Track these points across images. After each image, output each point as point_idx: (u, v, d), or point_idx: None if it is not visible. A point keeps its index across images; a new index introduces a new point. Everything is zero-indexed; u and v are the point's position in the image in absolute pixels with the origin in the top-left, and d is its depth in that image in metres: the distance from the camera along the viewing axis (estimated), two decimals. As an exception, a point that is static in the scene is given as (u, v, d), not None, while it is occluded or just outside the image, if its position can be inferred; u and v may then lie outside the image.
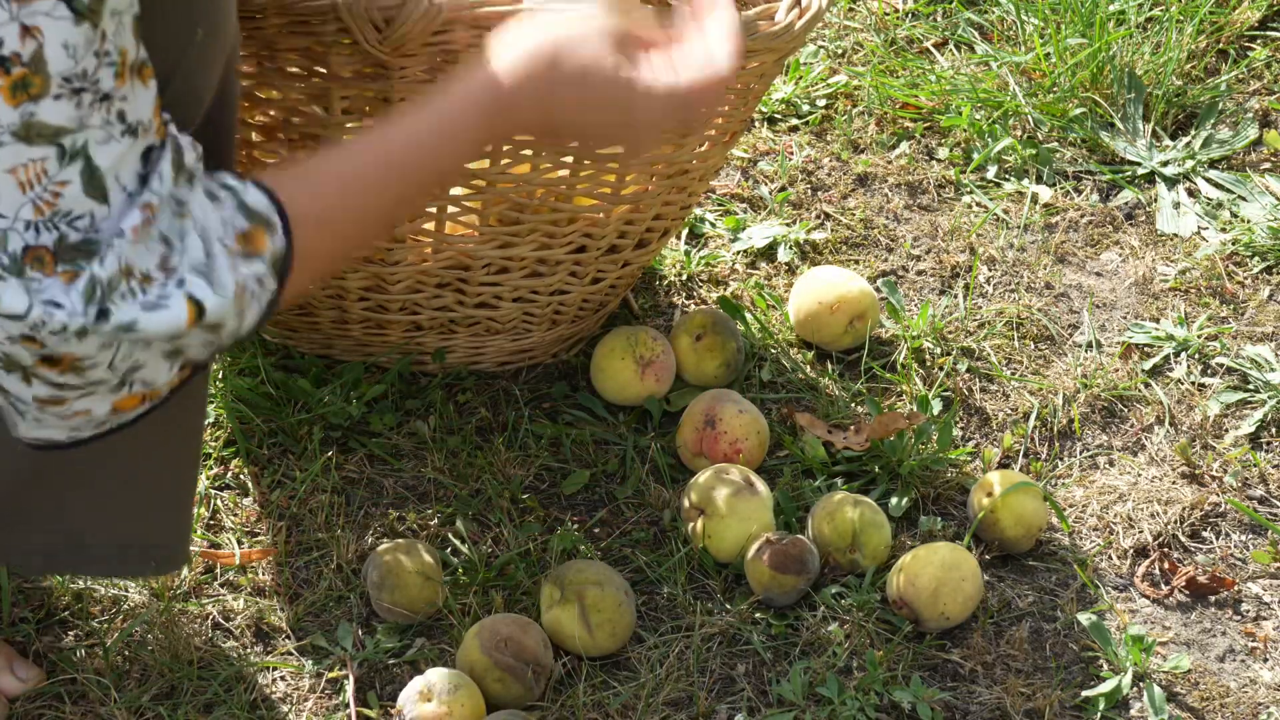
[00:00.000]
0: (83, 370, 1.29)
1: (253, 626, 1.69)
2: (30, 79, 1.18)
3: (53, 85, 1.19)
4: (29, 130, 1.20)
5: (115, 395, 1.32)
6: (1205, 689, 1.64)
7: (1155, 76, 2.21)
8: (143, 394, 1.33)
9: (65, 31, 1.18)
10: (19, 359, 1.27)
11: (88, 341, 1.26)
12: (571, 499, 1.80)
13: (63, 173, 1.22)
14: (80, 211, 1.23)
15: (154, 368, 1.32)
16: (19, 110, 1.19)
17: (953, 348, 1.94)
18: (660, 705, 1.61)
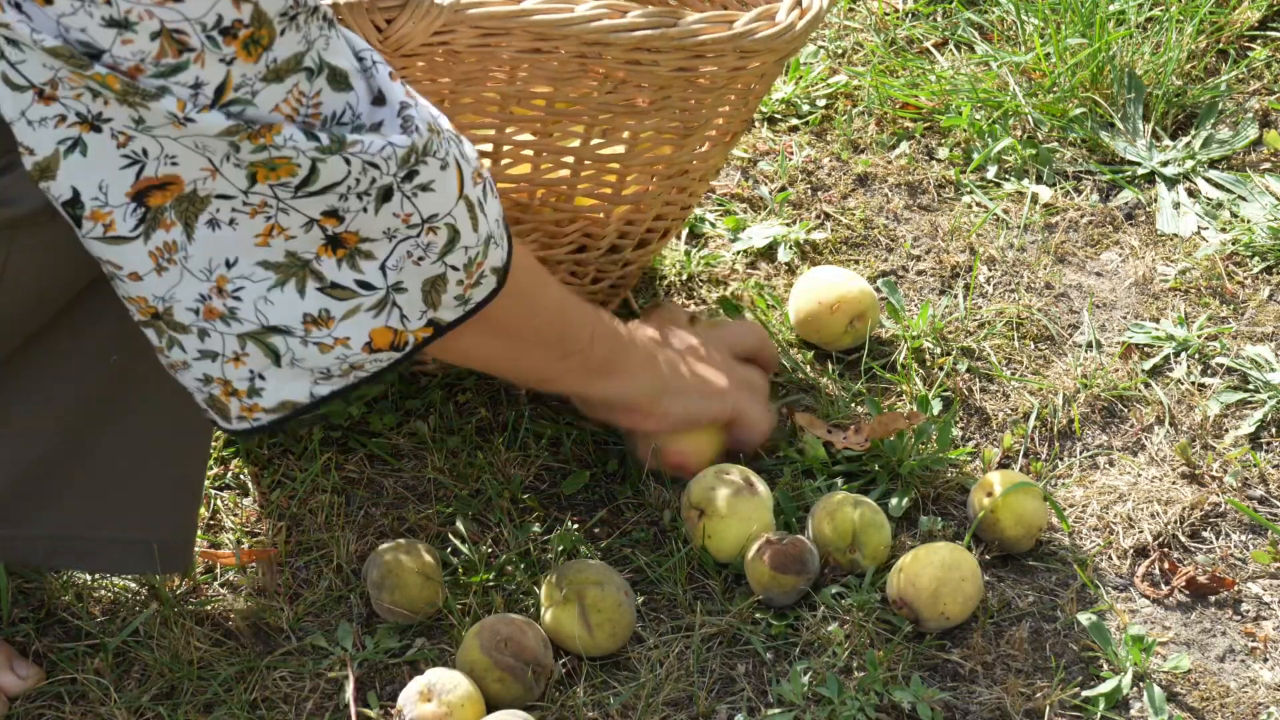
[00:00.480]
0: (361, 256, 1.37)
1: (253, 626, 1.69)
2: (258, 34, 1.26)
3: (277, 26, 1.27)
4: (276, 72, 1.28)
5: (374, 320, 1.41)
6: (1205, 689, 1.64)
7: (1155, 76, 2.21)
8: (394, 333, 1.42)
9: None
10: (303, 253, 1.36)
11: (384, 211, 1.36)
12: (571, 499, 1.80)
13: (314, 85, 1.31)
14: (339, 108, 1.33)
15: (413, 295, 1.41)
16: (261, 62, 1.27)
17: (953, 348, 1.94)
18: (660, 705, 1.61)
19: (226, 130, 1.28)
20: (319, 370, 1.43)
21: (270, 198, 1.33)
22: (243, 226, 1.35)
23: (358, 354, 1.43)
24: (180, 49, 1.24)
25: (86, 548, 1.60)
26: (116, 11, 1.22)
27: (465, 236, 1.41)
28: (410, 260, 1.40)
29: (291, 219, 1.35)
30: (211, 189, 1.33)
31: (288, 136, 1.30)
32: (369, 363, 1.44)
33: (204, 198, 1.33)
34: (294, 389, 1.44)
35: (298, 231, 1.36)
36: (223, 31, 1.24)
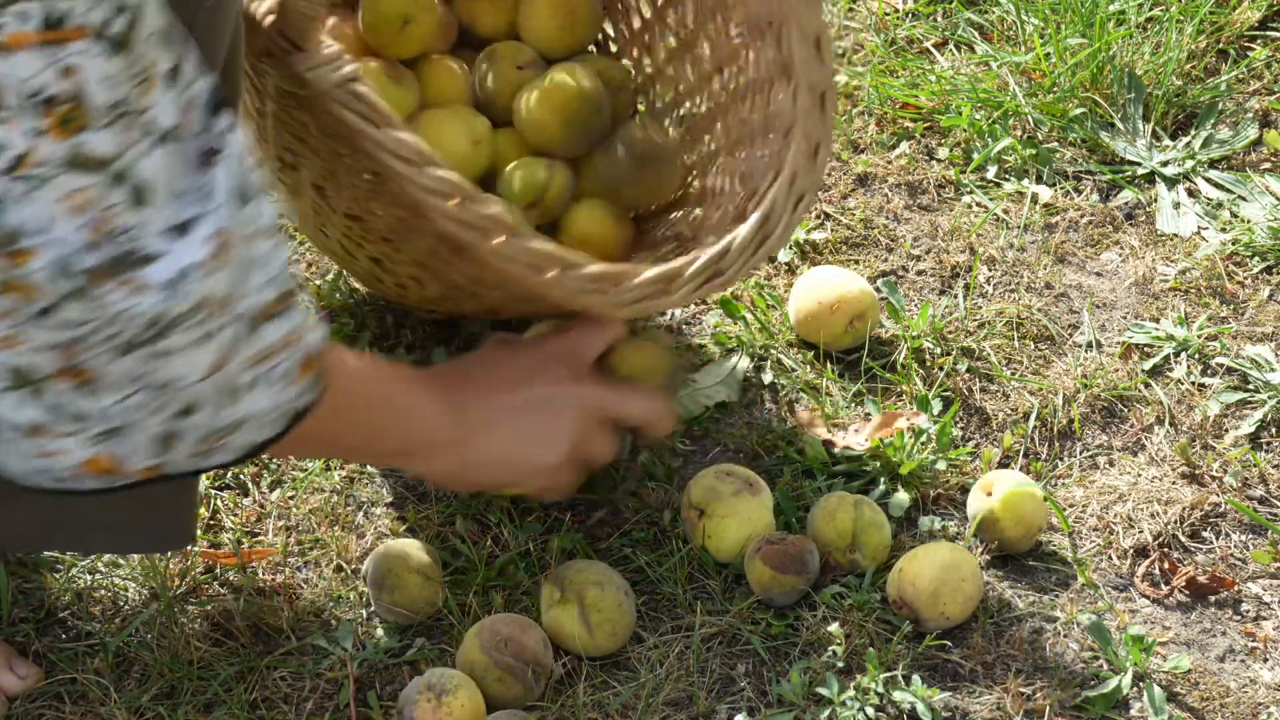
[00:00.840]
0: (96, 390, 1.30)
1: (253, 626, 1.69)
2: (73, 113, 1.21)
3: (96, 117, 1.22)
4: (79, 160, 1.22)
5: (94, 447, 1.33)
6: (1205, 689, 1.64)
7: (1155, 76, 2.21)
8: (113, 466, 1.34)
9: (102, 67, 1.21)
10: (36, 372, 1.28)
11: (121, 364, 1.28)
12: (571, 499, 1.80)
13: (112, 196, 1.24)
14: (127, 225, 1.26)
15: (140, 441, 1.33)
16: (68, 143, 1.21)
17: (953, 348, 1.94)
18: (660, 705, 1.61)
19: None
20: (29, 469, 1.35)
21: (15, 309, 1.26)
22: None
23: (69, 469, 1.34)
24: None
25: (83, 528, 1.60)
26: None
27: (204, 414, 1.33)
28: (145, 410, 1.32)
29: (33, 335, 1.27)
30: None
31: (41, 266, 1.23)
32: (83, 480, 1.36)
33: None
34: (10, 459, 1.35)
35: (38, 349, 1.28)
36: (44, 101, 1.20)
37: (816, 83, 1.65)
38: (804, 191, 1.65)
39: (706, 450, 1.85)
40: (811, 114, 1.65)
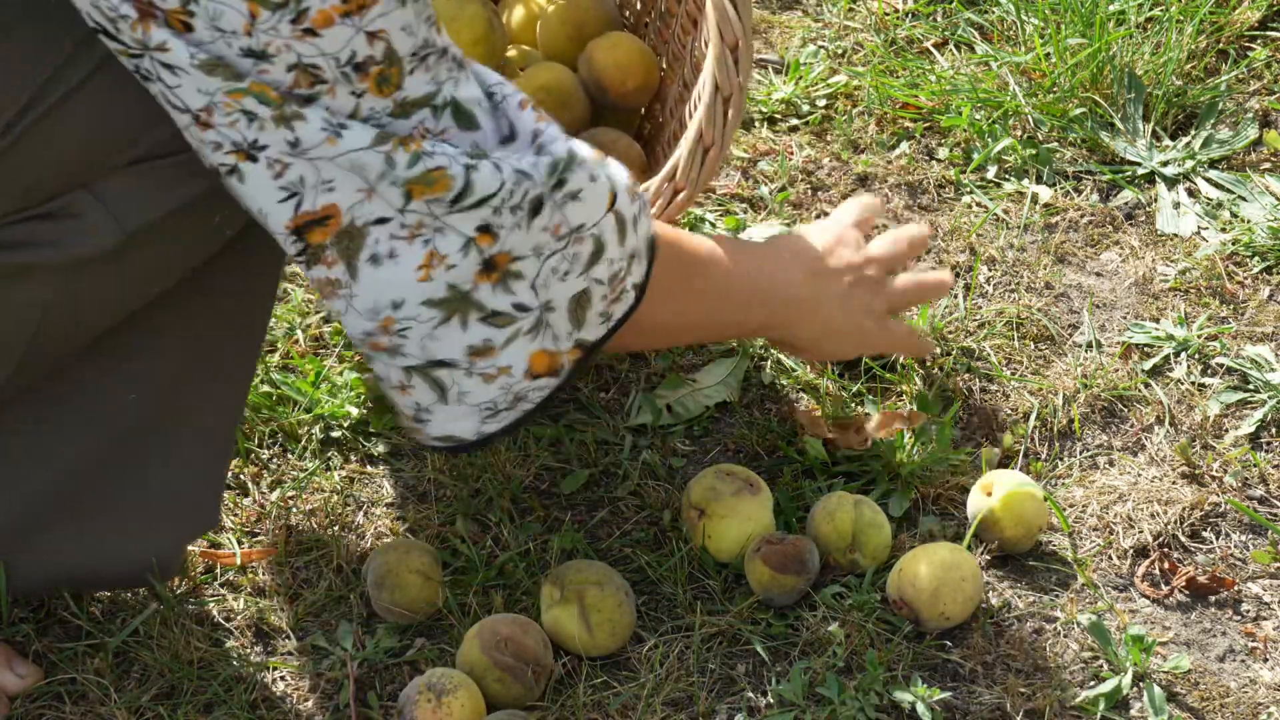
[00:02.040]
0: (513, 278, 1.38)
1: (253, 626, 1.69)
2: (388, 72, 1.28)
3: (406, 66, 1.29)
4: (404, 107, 1.30)
5: (531, 343, 1.42)
6: (1205, 689, 1.64)
7: (1155, 76, 2.21)
8: (550, 356, 1.43)
9: (400, 18, 1.27)
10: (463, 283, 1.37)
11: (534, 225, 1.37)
12: (571, 499, 1.80)
13: (440, 123, 1.32)
14: (465, 145, 1.34)
15: (561, 313, 1.42)
16: (390, 99, 1.29)
17: (953, 348, 1.94)
18: (660, 705, 1.61)
19: (377, 138, 1.29)
20: (485, 405, 1.44)
21: (426, 215, 1.34)
22: (403, 257, 1.35)
23: (520, 381, 1.44)
24: (314, 81, 1.26)
25: (85, 575, 1.62)
26: (255, 43, 1.24)
27: (610, 249, 1.42)
28: (556, 276, 1.41)
29: (448, 241, 1.35)
30: (369, 214, 1.33)
31: (434, 144, 1.31)
32: (532, 391, 1.45)
33: (361, 229, 1.33)
34: (461, 426, 1.46)
35: (456, 258, 1.36)
36: (355, 67, 1.26)
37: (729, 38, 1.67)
38: (710, 144, 1.66)
39: (706, 450, 1.85)
40: (723, 67, 1.66)
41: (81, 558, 1.60)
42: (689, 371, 1.92)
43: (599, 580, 1.65)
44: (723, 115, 1.65)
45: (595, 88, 1.95)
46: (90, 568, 1.62)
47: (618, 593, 1.65)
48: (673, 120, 1.93)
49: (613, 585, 1.66)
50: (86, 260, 1.38)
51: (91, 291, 1.42)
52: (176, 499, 1.60)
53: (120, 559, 1.61)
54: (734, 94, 1.65)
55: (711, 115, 1.65)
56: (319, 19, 1.23)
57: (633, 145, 1.92)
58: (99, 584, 1.65)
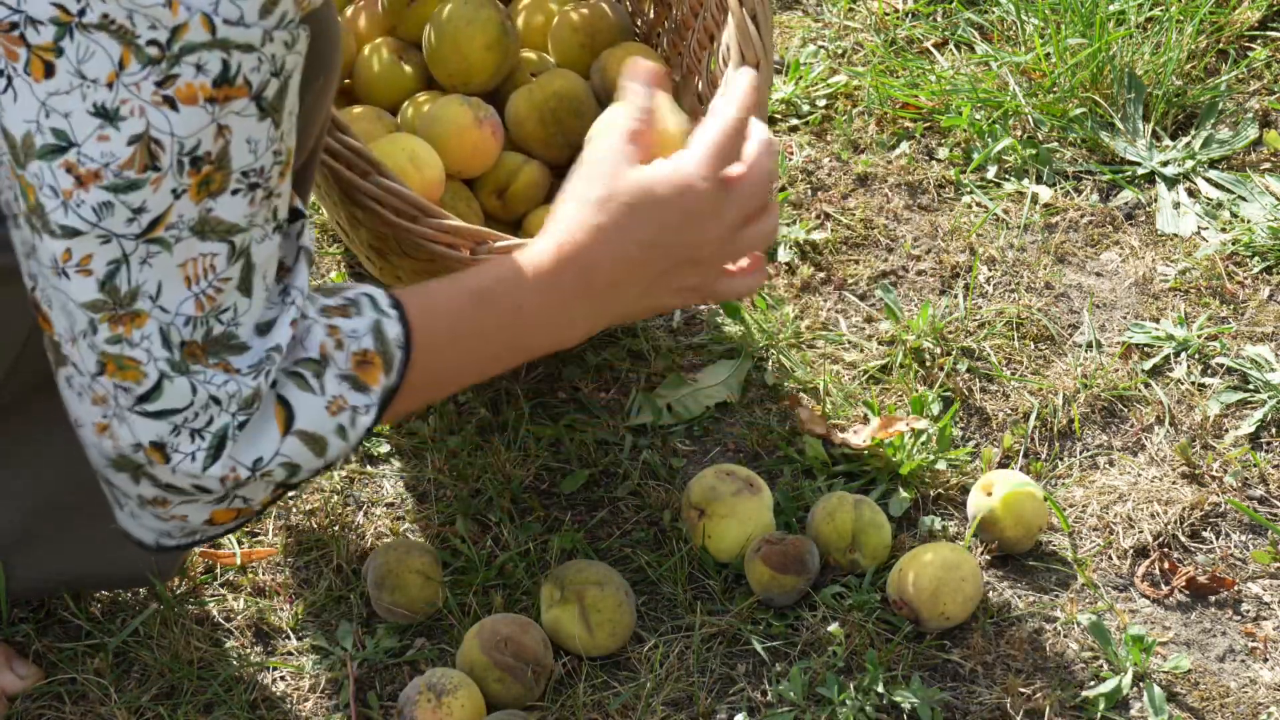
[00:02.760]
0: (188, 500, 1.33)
1: (253, 626, 1.69)
2: (213, 176, 1.21)
3: (232, 181, 1.22)
4: (205, 226, 1.23)
5: (215, 506, 1.35)
6: (1205, 689, 1.64)
7: (1155, 76, 2.21)
8: (239, 509, 1.36)
9: (250, 128, 1.21)
10: (135, 457, 1.30)
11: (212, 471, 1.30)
12: (571, 499, 1.80)
13: (228, 270, 1.26)
14: (228, 305, 1.27)
15: (259, 488, 1.35)
16: (200, 206, 1.22)
17: (953, 348, 1.94)
18: (660, 705, 1.61)
19: (90, 303, 1.24)
20: (161, 530, 1.38)
21: (111, 396, 1.28)
22: (85, 406, 1.30)
23: (198, 525, 1.37)
24: (147, 164, 1.20)
25: (86, 577, 1.63)
26: (113, 98, 1.18)
27: (306, 467, 1.35)
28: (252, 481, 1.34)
29: (124, 433, 1.29)
30: (68, 354, 1.28)
31: (146, 334, 1.25)
32: (212, 530, 1.39)
33: (63, 356, 1.29)
34: (140, 532, 1.39)
35: (127, 448, 1.30)
36: (193, 161, 1.21)
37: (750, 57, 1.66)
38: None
39: (706, 450, 1.85)
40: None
41: (82, 561, 1.60)
42: (689, 371, 1.92)
43: (599, 580, 1.65)
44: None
45: (607, 98, 1.95)
46: (90, 570, 1.62)
47: (618, 593, 1.65)
48: None
49: (613, 585, 1.66)
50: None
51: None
52: None
53: (120, 563, 1.61)
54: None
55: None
56: (185, 92, 1.19)
57: None
58: (99, 585, 1.65)
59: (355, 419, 1.35)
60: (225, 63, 1.19)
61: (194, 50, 1.18)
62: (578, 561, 1.69)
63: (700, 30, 1.91)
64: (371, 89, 1.97)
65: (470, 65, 1.92)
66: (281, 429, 1.32)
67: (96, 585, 1.65)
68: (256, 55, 1.20)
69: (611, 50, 1.97)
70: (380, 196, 1.66)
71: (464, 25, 1.91)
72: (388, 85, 1.96)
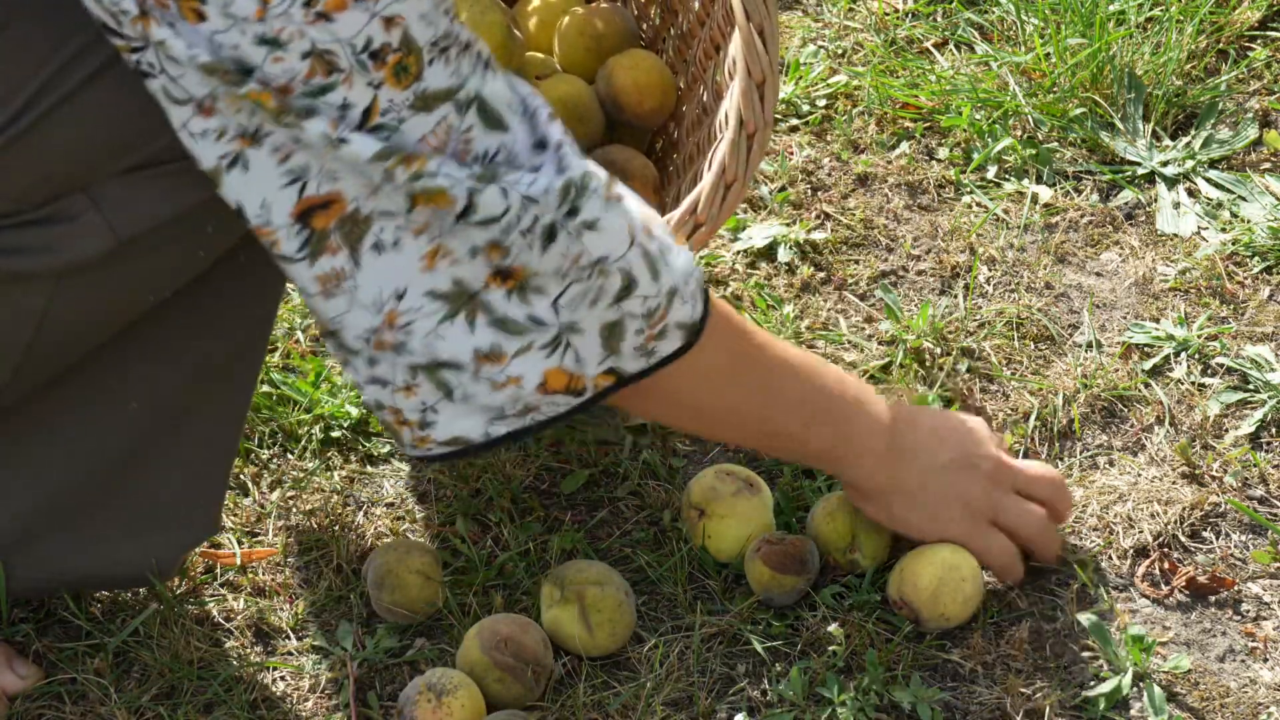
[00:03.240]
0: (529, 289, 1.34)
1: (253, 626, 1.69)
2: (405, 61, 1.25)
3: (425, 55, 1.26)
4: (424, 101, 1.27)
5: (547, 360, 1.38)
6: (1205, 689, 1.64)
7: (1155, 76, 2.21)
8: (569, 376, 1.39)
9: (416, 5, 1.25)
10: (471, 282, 1.33)
11: (551, 251, 1.33)
12: (571, 499, 1.80)
13: (464, 120, 1.29)
14: (493, 147, 1.31)
15: (589, 338, 1.38)
16: (409, 90, 1.26)
17: (953, 348, 1.94)
18: (660, 705, 1.61)
19: (377, 154, 1.27)
20: (493, 408, 1.40)
21: (433, 220, 1.31)
22: (407, 248, 1.33)
23: (531, 394, 1.39)
24: (329, 69, 1.24)
25: (86, 577, 1.63)
26: (268, 29, 1.22)
27: (643, 285, 1.38)
28: (585, 301, 1.37)
29: (456, 243, 1.32)
30: (374, 207, 1.31)
31: (440, 164, 1.28)
32: (544, 404, 1.41)
33: (366, 217, 1.31)
34: (467, 425, 1.41)
35: (463, 257, 1.33)
36: (371, 55, 1.24)
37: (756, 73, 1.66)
38: (733, 180, 1.66)
39: (706, 450, 1.85)
40: (750, 102, 1.66)
41: (82, 561, 1.60)
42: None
43: (599, 580, 1.65)
44: (746, 151, 1.65)
45: (612, 105, 1.95)
46: (90, 570, 1.62)
47: (618, 593, 1.65)
48: (688, 142, 1.92)
49: (613, 585, 1.65)
50: (80, 266, 1.37)
51: (86, 299, 1.41)
52: (177, 506, 1.60)
53: (120, 563, 1.61)
54: (759, 130, 1.65)
55: (735, 150, 1.64)
56: (332, 2, 1.22)
57: (647, 165, 1.91)
58: (99, 585, 1.65)
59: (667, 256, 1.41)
60: None
61: None
62: (578, 561, 1.69)
63: (706, 40, 1.91)
64: None
65: None
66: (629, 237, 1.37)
67: (97, 585, 1.65)
68: None
69: (618, 57, 1.97)
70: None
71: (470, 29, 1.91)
72: None
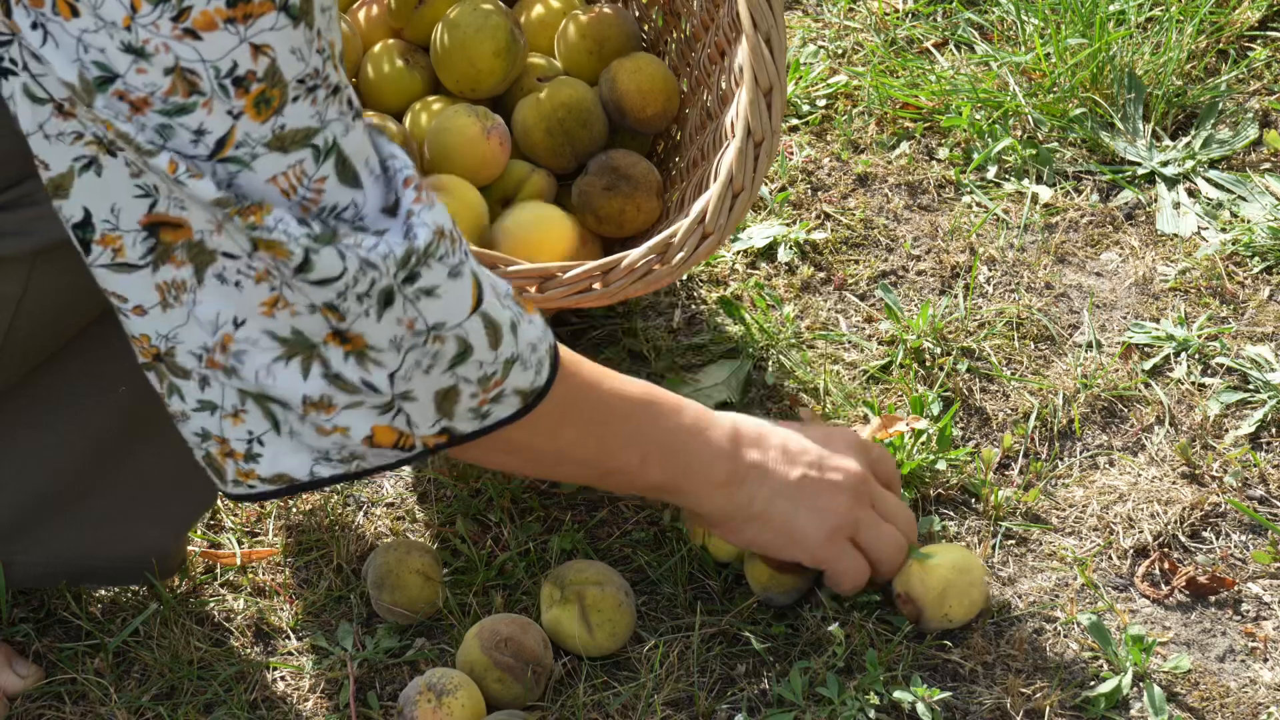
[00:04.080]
0: (366, 360, 1.32)
1: (253, 626, 1.69)
2: (269, 93, 1.22)
3: (289, 91, 1.22)
4: (281, 140, 1.24)
5: (378, 418, 1.35)
6: (1205, 689, 1.64)
7: (1155, 76, 2.21)
8: (399, 434, 1.36)
9: (290, 38, 1.21)
10: (310, 335, 1.31)
11: (387, 317, 1.30)
12: (571, 499, 1.80)
13: (320, 170, 1.26)
14: (343, 203, 1.27)
15: (423, 404, 1.35)
16: (268, 125, 1.23)
17: (953, 348, 1.94)
18: (660, 705, 1.61)
19: (217, 201, 1.24)
20: (318, 450, 1.38)
21: (273, 268, 1.29)
22: (248, 291, 1.30)
23: (357, 445, 1.37)
24: (190, 89, 1.21)
25: (81, 569, 1.62)
26: (134, 38, 1.19)
27: (479, 352, 1.36)
28: (419, 370, 1.34)
29: (295, 296, 1.30)
30: (218, 244, 1.29)
31: (278, 219, 1.25)
32: (371, 455, 1.39)
33: (211, 251, 1.29)
34: (293, 463, 1.38)
35: (303, 310, 1.31)
36: (235, 81, 1.21)
37: (764, 82, 1.66)
38: (741, 189, 1.65)
39: (706, 450, 1.85)
40: (757, 111, 1.65)
41: (81, 545, 1.60)
42: (689, 371, 1.92)
43: (599, 580, 1.65)
44: (753, 160, 1.64)
45: (615, 109, 1.95)
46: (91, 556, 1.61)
47: (618, 593, 1.65)
48: (691, 147, 1.92)
49: (613, 585, 1.66)
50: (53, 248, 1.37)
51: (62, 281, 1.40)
52: (173, 483, 1.60)
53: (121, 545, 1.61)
54: (766, 139, 1.65)
55: (743, 160, 1.64)
56: (201, 20, 1.19)
57: (651, 170, 1.91)
58: (100, 575, 1.64)
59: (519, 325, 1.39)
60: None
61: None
62: (578, 561, 1.69)
63: (711, 45, 1.91)
64: (377, 91, 1.96)
65: (479, 72, 1.92)
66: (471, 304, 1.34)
67: (99, 571, 1.64)
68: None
69: (621, 61, 1.96)
70: None
71: (473, 33, 1.91)
72: (394, 88, 1.96)
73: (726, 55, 1.86)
